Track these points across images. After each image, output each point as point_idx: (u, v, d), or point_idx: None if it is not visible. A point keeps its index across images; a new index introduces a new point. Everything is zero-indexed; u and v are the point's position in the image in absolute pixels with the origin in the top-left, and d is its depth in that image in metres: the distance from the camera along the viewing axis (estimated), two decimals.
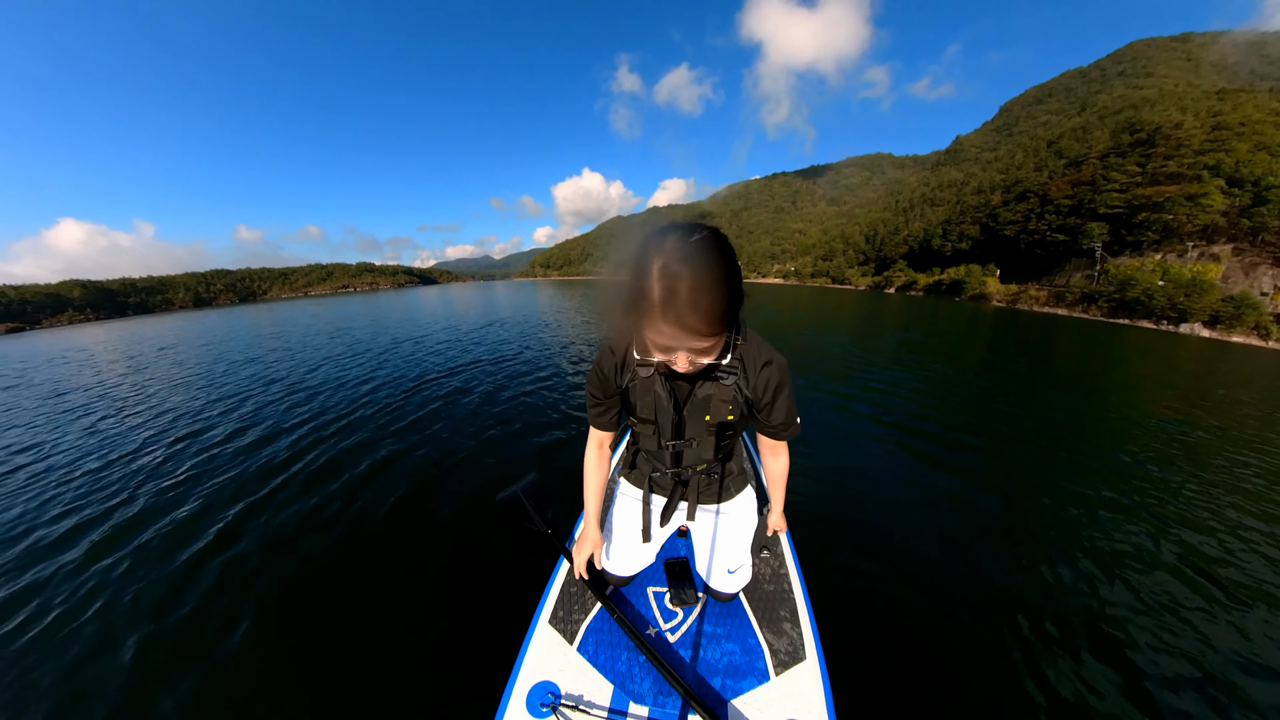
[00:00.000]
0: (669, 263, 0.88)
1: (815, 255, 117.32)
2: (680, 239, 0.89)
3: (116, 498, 4.23)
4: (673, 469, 1.54)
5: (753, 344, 1.30)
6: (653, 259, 0.90)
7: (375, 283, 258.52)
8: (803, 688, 1.34)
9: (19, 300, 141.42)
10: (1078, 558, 3.08)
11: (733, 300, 0.96)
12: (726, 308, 0.94)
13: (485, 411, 6.24)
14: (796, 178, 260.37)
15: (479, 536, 3.35)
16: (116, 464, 5.09)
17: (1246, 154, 34.60)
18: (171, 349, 16.36)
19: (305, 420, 6.15)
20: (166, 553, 3.36)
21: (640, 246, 0.93)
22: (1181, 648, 2.37)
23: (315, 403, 7.07)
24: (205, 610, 2.75)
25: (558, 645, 1.48)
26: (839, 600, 2.62)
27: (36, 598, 2.92)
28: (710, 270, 0.89)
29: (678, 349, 1.01)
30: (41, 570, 3.22)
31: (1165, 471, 4.51)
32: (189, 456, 5.18)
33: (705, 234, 0.92)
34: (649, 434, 1.44)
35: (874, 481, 4.09)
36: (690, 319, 0.90)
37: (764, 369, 1.29)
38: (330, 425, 5.93)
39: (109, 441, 5.87)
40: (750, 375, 1.30)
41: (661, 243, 0.90)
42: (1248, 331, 25.21)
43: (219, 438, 5.74)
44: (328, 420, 6.10)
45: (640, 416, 1.40)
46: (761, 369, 1.30)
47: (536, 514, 1.82)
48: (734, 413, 1.33)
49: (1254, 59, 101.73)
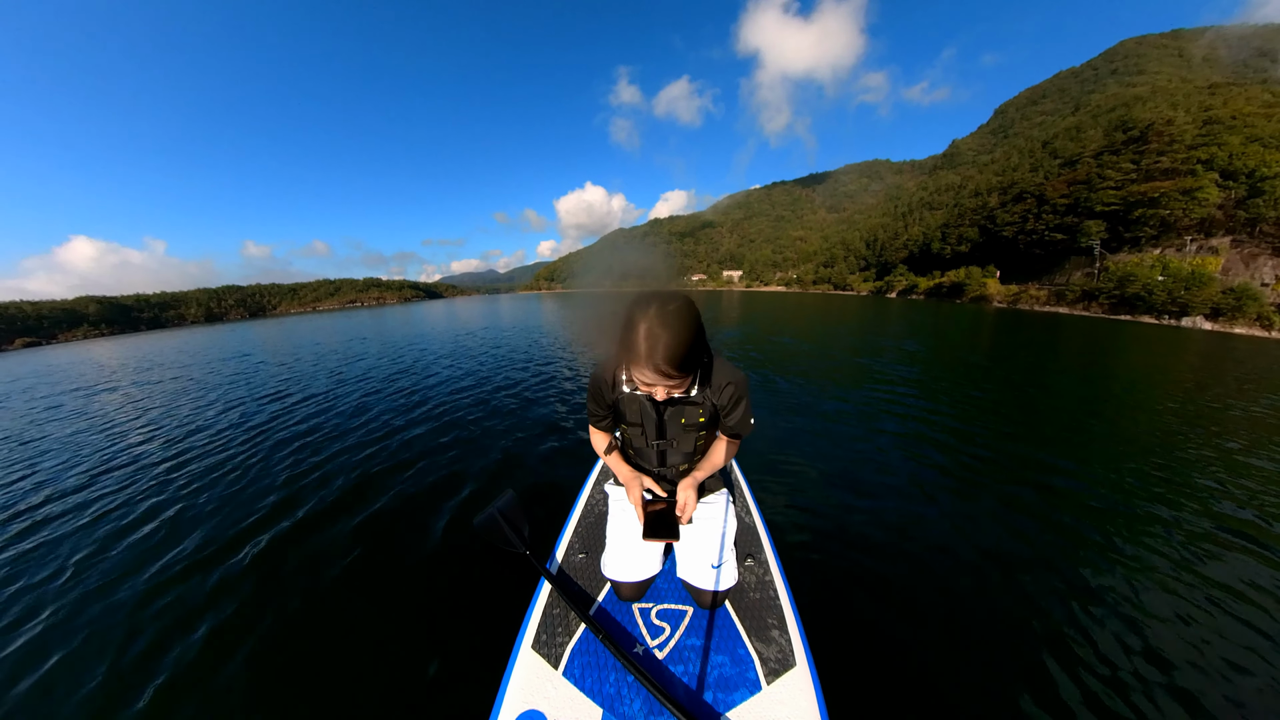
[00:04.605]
0: (651, 327, 1.25)
1: (817, 262, 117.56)
2: (660, 307, 1.27)
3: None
4: (659, 467, 1.82)
5: (718, 367, 1.62)
6: (639, 323, 1.27)
7: (382, 297, 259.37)
8: (794, 694, 1.34)
9: (36, 316, 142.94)
10: (1079, 558, 3.06)
11: (698, 355, 1.35)
12: (693, 360, 1.33)
13: (456, 424, 6.14)
14: (796, 186, 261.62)
15: (453, 558, 3.20)
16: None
17: (1239, 146, 34.64)
18: (160, 366, 16.49)
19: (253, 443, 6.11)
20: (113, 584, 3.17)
21: (630, 311, 1.31)
22: (1216, 669, 2.24)
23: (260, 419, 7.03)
24: (162, 644, 2.61)
25: (542, 671, 1.43)
26: (828, 605, 2.60)
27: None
28: (681, 334, 1.27)
29: (657, 386, 1.36)
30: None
31: (1191, 476, 4.47)
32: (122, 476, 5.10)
33: (679, 303, 1.30)
34: (637, 434, 1.76)
35: (867, 484, 4.05)
36: (664, 368, 1.27)
37: (726, 387, 1.61)
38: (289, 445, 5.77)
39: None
40: (715, 391, 1.62)
41: (647, 309, 1.27)
42: (1250, 323, 25.06)
43: (154, 458, 5.58)
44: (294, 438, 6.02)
45: (629, 421, 1.73)
46: (724, 387, 1.61)
47: (514, 535, 1.84)
48: (704, 415, 1.66)
49: (1244, 52, 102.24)
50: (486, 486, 4.26)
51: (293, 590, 2.99)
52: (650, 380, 1.33)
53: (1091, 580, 2.87)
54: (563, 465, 4.61)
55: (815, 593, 2.66)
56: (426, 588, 2.93)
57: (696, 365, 1.37)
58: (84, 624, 2.83)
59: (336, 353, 15.49)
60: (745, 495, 2.37)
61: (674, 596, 1.69)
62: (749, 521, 2.15)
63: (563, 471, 4.45)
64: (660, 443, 1.73)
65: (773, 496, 3.83)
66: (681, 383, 1.37)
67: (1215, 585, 2.83)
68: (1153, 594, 2.75)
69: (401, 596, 2.86)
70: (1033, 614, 2.60)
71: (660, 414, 1.66)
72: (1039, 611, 2.61)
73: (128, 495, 4.73)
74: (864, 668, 2.23)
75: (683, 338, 1.26)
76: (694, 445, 1.74)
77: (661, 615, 1.62)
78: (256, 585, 3.08)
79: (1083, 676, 2.20)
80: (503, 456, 4.94)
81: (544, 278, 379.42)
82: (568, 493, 3.69)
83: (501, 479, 4.39)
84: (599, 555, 1.85)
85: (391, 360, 12.82)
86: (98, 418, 8.68)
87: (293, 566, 3.25)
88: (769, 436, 5.21)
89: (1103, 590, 2.78)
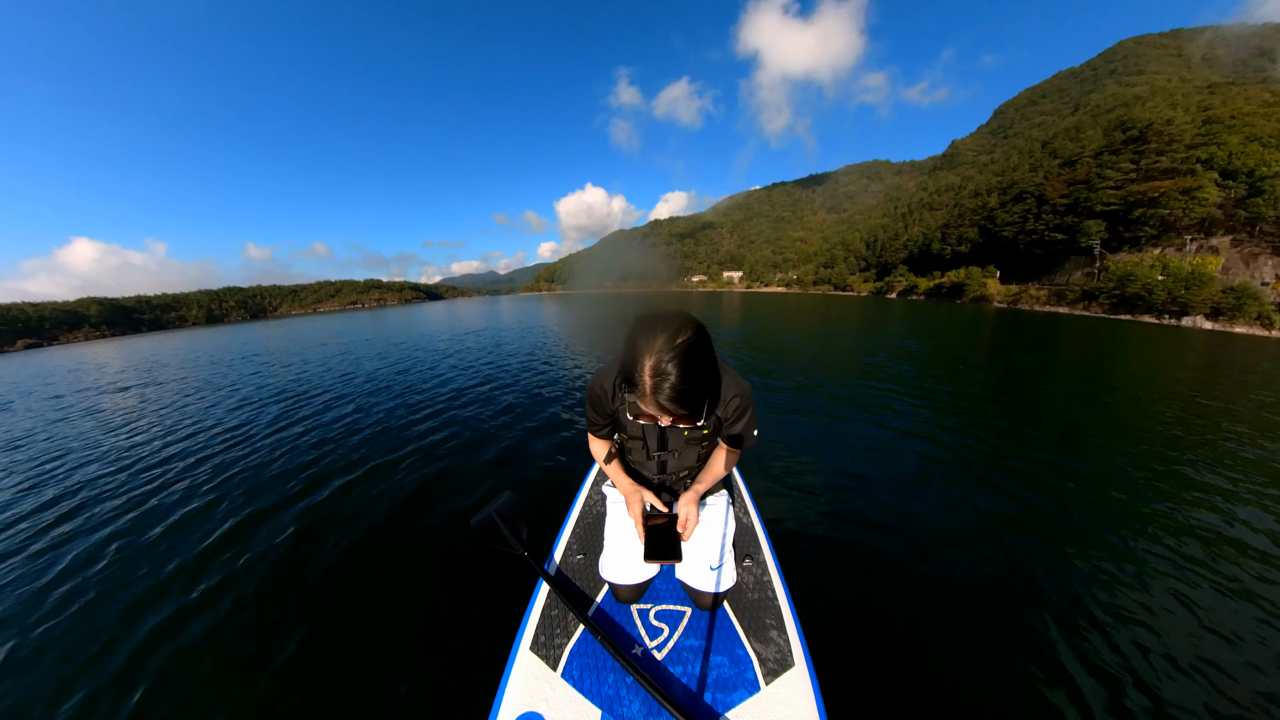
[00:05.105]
0: (659, 363, 1.11)
1: (817, 263, 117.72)
2: (668, 340, 1.12)
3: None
4: (659, 475, 1.77)
5: (725, 381, 1.51)
6: (644, 357, 1.13)
7: (383, 299, 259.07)
8: (793, 694, 1.33)
9: (37, 317, 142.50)
10: (1079, 558, 3.05)
11: (709, 393, 1.23)
12: (703, 399, 1.21)
13: (455, 424, 6.12)
14: (796, 187, 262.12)
15: (451, 559, 3.18)
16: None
17: (1238, 146, 34.67)
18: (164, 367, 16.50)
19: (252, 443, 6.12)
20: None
21: (634, 338, 1.17)
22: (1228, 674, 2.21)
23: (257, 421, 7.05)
24: (159, 644, 2.60)
25: (540, 672, 1.42)
26: (826, 605, 2.59)
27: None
28: (692, 373, 1.13)
29: (661, 417, 1.27)
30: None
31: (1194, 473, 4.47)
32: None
33: (690, 335, 1.15)
34: (638, 447, 1.70)
35: (866, 484, 4.05)
36: (670, 407, 1.15)
37: (732, 399, 1.54)
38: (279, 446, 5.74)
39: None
40: (722, 404, 1.54)
41: (653, 340, 1.13)
42: (1250, 322, 25.07)
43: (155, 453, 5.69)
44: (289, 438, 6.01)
45: (630, 434, 1.67)
46: (731, 400, 1.54)
47: (512, 536, 1.82)
48: (708, 428, 1.58)
49: (1243, 51, 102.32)
50: (484, 487, 4.24)
51: (291, 590, 2.99)
52: (654, 413, 1.23)
53: (1092, 579, 2.86)
54: (561, 466, 4.61)
55: (814, 593, 2.65)
56: (424, 589, 2.91)
57: (706, 399, 1.24)
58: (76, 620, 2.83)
59: (337, 353, 15.50)
60: (743, 496, 2.37)
61: (672, 597, 1.69)
62: (747, 522, 2.15)
63: (561, 472, 4.44)
64: (662, 454, 1.69)
65: (771, 497, 3.83)
66: (688, 418, 1.27)
67: (1220, 582, 2.82)
68: (1157, 594, 2.75)
69: (399, 598, 2.85)
70: (1032, 614, 2.59)
71: (662, 428, 1.62)
72: (1038, 611, 2.61)
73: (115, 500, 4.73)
74: (862, 667, 2.23)
75: (693, 376, 1.13)
76: (696, 456, 1.71)
77: (660, 616, 1.61)
78: (255, 585, 3.07)
79: (1082, 676, 2.20)
80: (501, 457, 4.94)
81: (544, 279, 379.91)
82: (566, 494, 3.69)
83: (499, 480, 4.37)
84: (597, 556, 1.85)
85: (391, 360, 12.83)
86: (114, 416, 8.68)
87: (291, 567, 3.25)
88: (767, 437, 5.21)
89: (1103, 590, 2.77)
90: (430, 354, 13.71)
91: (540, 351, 12.95)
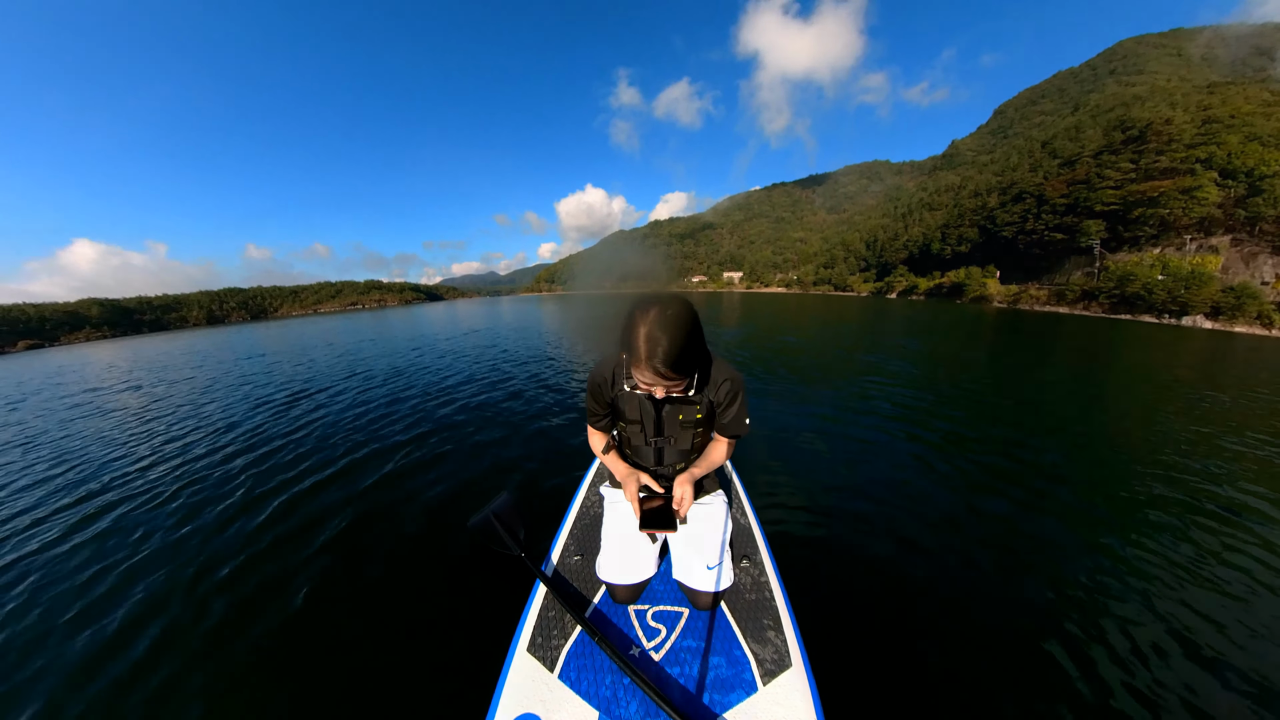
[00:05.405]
0: (651, 330, 1.29)
1: (817, 263, 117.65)
2: (660, 311, 1.30)
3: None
4: (656, 465, 1.83)
5: (716, 365, 1.65)
6: (639, 326, 1.30)
7: (383, 299, 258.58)
8: (790, 695, 1.33)
9: (39, 318, 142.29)
10: (1079, 556, 3.04)
11: (696, 357, 1.39)
12: (691, 362, 1.37)
13: (453, 424, 6.11)
14: (796, 187, 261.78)
15: (448, 560, 3.17)
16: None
17: (1238, 145, 34.68)
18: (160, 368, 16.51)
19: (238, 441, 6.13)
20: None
21: (630, 313, 1.35)
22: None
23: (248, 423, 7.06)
24: (159, 646, 2.60)
25: (537, 674, 1.42)
26: (824, 606, 2.59)
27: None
28: (679, 337, 1.30)
29: (656, 386, 1.39)
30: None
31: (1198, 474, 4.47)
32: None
33: (678, 307, 1.33)
34: (636, 431, 1.77)
35: (864, 484, 4.04)
36: (663, 369, 1.31)
37: (723, 384, 1.64)
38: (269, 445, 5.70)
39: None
40: (713, 387, 1.65)
41: (647, 313, 1.31)
42: (1250, 321, 25.08)
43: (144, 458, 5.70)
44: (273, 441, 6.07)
45: (628, 419, 1.75)
46: (722, 384, 1.64)
47: (509, 537, 1.83)
48: (701, 412, 1.69)
49: (1243, 51, 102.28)
50: (482, 487, 4.23)
51: (288, 591, 2.98)
52: (650, 380, 1.37)
53: (1091, 579, 2.86)
54: (559, 467, 4.60)
55: (811, 593, 2.64)
56: (420, 590, 2.90)
57: (695, 366, 1.41)
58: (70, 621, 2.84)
59: (337, 354, 15.49)
60: (741, 497, 2.37)
61: (670, 598, 1.69)
62: (744, 523, 2.15)
63: (558, 473, 4.43)
64: (658, 440, 1.76)
65: (769, 497, 3.83)
66: (680, 383, 1.40)
67: (1220, 582, 2.82)
68: (1156, 595, 2.75)
69: (395, 599, 2.84)
70: (1032, 613, 2.59)
71: (659, 411, 1.69)
72: (1038, 611, 2.61)
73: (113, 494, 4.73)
74: (860, 668, 2.23)
75: (681, 341, 1.30)
76: (691, 442, 1.76)
77: (657, 617, 1.61)
78: (253, 585, 3.07)
79: (1082, 676, 2.20)
80: (498, 457, 4.92)
81: (544, 280, 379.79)
82: (563, 495, 3.69)
83: (497, 480, 4.37)
84: (594, 557, 1.85)
85: (391, 360, 12.83)
86: (123, 415, 8.68)
87: (289, 566, 3.24)
88: (765, 437, 5.21)
89: (1101, 590, 2.77)
90: (429, 354, 13.70)
91: (539, 352, 12.94)
